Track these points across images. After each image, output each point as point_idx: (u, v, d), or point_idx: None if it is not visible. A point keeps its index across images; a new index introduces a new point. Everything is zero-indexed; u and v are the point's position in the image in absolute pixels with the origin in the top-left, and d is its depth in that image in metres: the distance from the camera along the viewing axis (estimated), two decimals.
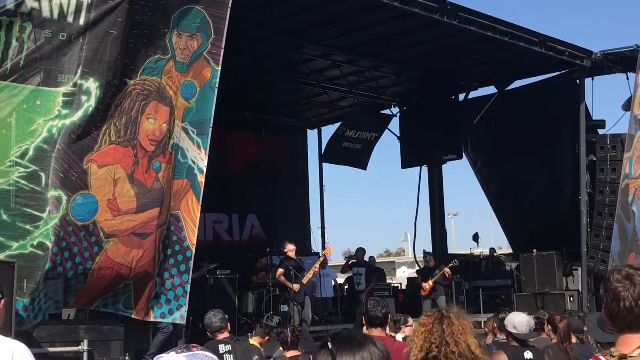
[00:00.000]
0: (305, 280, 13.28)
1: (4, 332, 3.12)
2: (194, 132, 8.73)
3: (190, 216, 8.70)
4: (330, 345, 2.11)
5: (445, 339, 3.70)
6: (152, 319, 8.78)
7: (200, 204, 8.76)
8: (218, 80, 8.82)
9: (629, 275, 2.55)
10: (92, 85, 8.00)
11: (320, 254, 14.90)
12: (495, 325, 8.56)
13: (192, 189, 8.72)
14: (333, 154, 21.21)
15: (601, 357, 2.56)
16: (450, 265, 15.66)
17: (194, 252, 8.75)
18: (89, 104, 7.98)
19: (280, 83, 18.76)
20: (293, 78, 18.59)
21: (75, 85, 7.93)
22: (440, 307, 3.99)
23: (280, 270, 13.34)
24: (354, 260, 17.98)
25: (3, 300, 3.19)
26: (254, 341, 8.45)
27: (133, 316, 8.51)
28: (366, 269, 15.74)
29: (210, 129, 8.82)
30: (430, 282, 15.54)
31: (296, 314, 13.13)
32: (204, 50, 8.85)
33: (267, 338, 8.75)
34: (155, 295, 8.63)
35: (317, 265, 13.87)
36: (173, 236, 8.62)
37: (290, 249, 13.73)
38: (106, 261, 8.02)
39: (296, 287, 12.98)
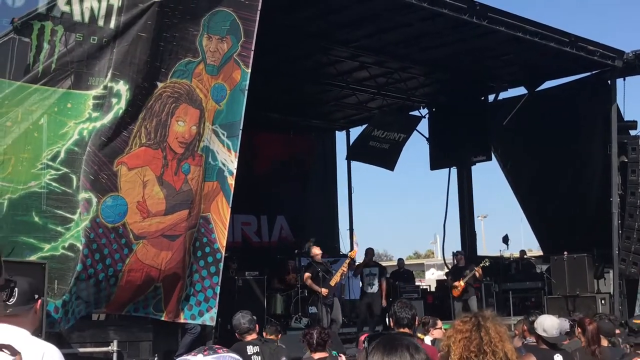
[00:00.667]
0: (332, 283, 13.26)
1: (35, 333, 3.14)
2: (224, 135, 8.76)
3: (220, 218, 8.73)
4: (367, 345, 2.13)
5: (483, 347, 3.68)
6: (182, 321, 8.81)
7: (230, 206, 8.79)
8: (248, 82, 8.84)
9: None
10: (122, 87, 8.07)
11: (348, 256, 14.86)
12: (525, 327, 8.47)
13: (222, 191, 8.75)
14: (359, 152, 21.15)
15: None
16: (480, 265, 15.50)
17: (223, 254, 8.79)
18: (119, 106, 8.05)
19: (308, 85, 18.79)
20: (321, 80, 18.60)
21: (105, 87, 8.01)
22: (475, 312, 3.95)
23: (307, 274, 13.34)
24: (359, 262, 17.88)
25: (39, 300, 3.20)
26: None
27: (163, 318, 8.54)
28: (379, 269, 15.59)
29: (240, 131, 8.84)
30: (462, 282, 15.38)
31: (324, 316, 13.11)
32: (233, 53, 8.88)
33: (279, 335, 8.84)
34: (185, 297, 8.65)
35: (344, 267, 13.83)
36: (203, 238, 8.65)
37: (316, 252, 13.68)
38: (136, 263, 8.07)
39: (324, 291, 12.96)
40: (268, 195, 19.35)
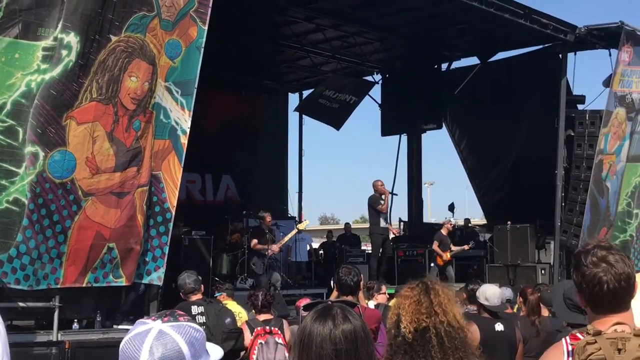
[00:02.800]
0: (276, 248, 13.83)
1: None
2: (177, 92, 8.59)
3: (172, 177, 8.61)
4: (304, 316, 2.12)
5: (434, 309, 3.72)
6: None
7: (182, 165, 8.68)
8: (204, 40, 8.67)
9: (604, 257, 2.57)
10: (73, 39, 7.84)
11: (295, 225, 15.03)
12: (465, 296, 8.62)
13: (174, 150, 8.61)
14: (308, 107, 21.11)
15: (577, 333, 2.58)
16: (469, 245, 16.19)
17: (173, 213, 8.70)
18: (69, 58, 7.83)
19: (263, 44, 18.55)
20: (276, 40, 18.41)
21: (55, 39, 7.76)
22: (421, 279, 4.00)
23: (255, 241, 13.81)
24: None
25: None
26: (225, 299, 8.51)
27: (124, 283, 8.38)
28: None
29: (195, 90, 8.68)
30: (449, 255, 15.93)
31: (264, 277, 13.44)
32: (190, 9, 8.67)
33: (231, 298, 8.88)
34: (142, 260, 8.54)
35: (286, 239, 14.35)
36: (153, 197, 8.52)
37: (268, 220, 14.21)
38: (85, 220, 7.91)
39: (274, 247, 13.38)
40: (214, 154, 18.97)
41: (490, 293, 6.70)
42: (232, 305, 8.32)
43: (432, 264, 16.10)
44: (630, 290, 2.58)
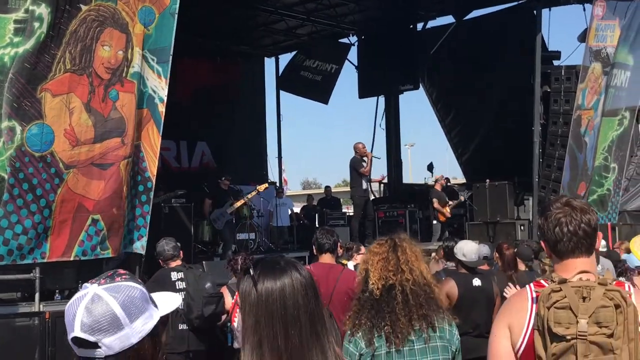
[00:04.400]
0: (228, 211, 14.36)
1: None
2: (153, 60, 8.48)
3: (151, 146, 8.57)
4: (252, 272, 2.11)
5: (400, 267, 3.83)
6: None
7: (161, 133, 8.64)
8: (177, 5, 8.55)
9: (568, 202, 2.63)
10: (44, 10, 7.70)
11: (256, 187, 15.30)
12: (442, 253, 8.75)
13: (152, 119, 8.56)
14: (290, 82, 21.05)
15: (542, 280, 2.62)
16: (463, 195, 16.74)
17: (154, 182, 8.67)
18: (41, 30, 7.69)
19: (236, 9, 18.36)
20: (249, 3, 18.24)
21: (26, 11, 7.62)
22: (391, 235, 4.09)
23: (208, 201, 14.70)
24: None
25: None
26: None
27: (111, 255, 8.34)
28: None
29: (170, 57, 8.58)
30: (449, 209, 16.35)
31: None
32: None
33: None
34: (127, 230, 8.49)
35: (249, 196, 14.84)
36: (135, 167, 8.50)
37: (226, 182, 14.98)
38: (67, 193, 7.83)
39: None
40: (189, 121, 18.85)
41: (468, 249, 6.81)
42: None
43: (434, 222, 16.38)
44: (592, 236, 2.62)
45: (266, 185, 16.09)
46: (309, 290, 2.10)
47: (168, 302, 2.03)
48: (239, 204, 14.47)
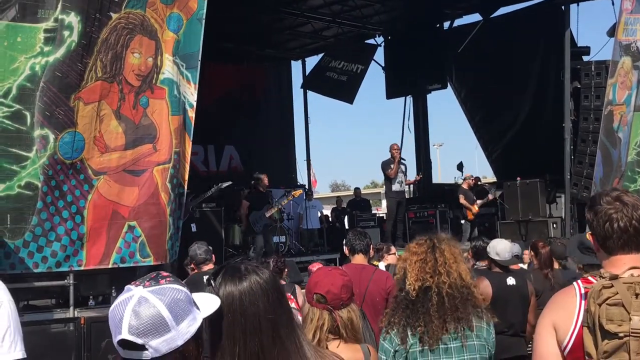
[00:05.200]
0: (267, 214, 13.88)
1: None
2: (182, 66, 8.54)
3: (184, 152, 8.65)
4: (212, 281, 2.11)
5: (438, 269, 3.82)
6: (168, 261, 8.74)
7: (192, 139, 8.69)
8: (205, 11, 8.59)
9: (618, 197, 2.55)
10: (74, 19, 7.80)
11: (291, 193, 15.09)
12: (470, 254, 8.67)
13: (184, 124, 8.63)
14: (316, 82, 21.07)
15: (589, 277, 2.56)
16: (491, 193, 16.58)
17: (185, 188, 8.73)
18: (72, 39, 7.79)
19: (262, 13, 18.47)
20: (275, 7, 18.29)
21: (56, 20, 7.73)
22: (430, 235, 4.07)
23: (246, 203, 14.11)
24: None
25: None
26: None
27: (152, 263, 8.31)
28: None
29: (199, 62, 8.63)
30: (477, 207, 16.27)
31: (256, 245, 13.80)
32: None
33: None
34: (169, 237, 8.49)
35: (283, 204, 14.43)
36: (177, 174, 8.51)
37: (265, 181, 14.38)
38: (99, 199, 7.90)
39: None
40: (216, 125, 18.99)
41: (501, 248, 6.73)
42: None
43: (462, 221, 16.28)
44: None
45: (300, 190, 16.01)
46: (271, 295, 2.08)
47: (208, 303, 2.04)
48: (276, 209, 14.25)
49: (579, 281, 2.59)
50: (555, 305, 2.61)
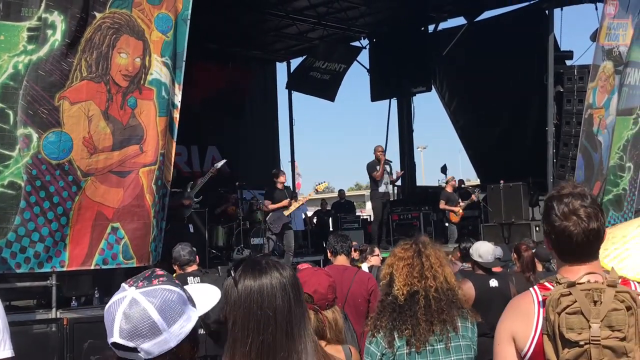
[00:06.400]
0: (286, 213, 13.56)
1: None
2: (172, 67, 8.52)
3: (169, 153, 8.62)
4: (232, 273, 2.12)
5: (425, 273, 3.85)
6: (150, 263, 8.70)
7: (175, 140, 8.66)
8: (190, 11, 8.57)
9: (575, 210, 2.50)
10: (57, 18, 7.75)
11: (299, 196, 14.95)
12: (459, 254, 8.71)
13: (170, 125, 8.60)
14: (299, 82, 21.05)
15: (546, 283, 2.53)
16: (476, 195, 16.54)
17: (169, 189, 8.70)
18: (55, 37, 7.74)
19: (247, 14, 18.43)
20: (260, 9, 18.27)
21: (39, 19, 7.67)
22: (415, 239, 4.09)
23: (269, 202, 13.70)
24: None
25: None
26: None
27: (136, 264, 8.27)
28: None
29: (184, 63, 8.60)
30: (461, 209, 16.27)
31: (270, 245, 13.36)
32: None
33: None
34: (153, 238, 8.46)
35: (301, 202, 14.19)
36: (162, 175, 8.47)
37: (283, 179, 14.17)
38: (85, 201, 7.85)
39: (289, 205, 13.44)
40: (200, 126, 18.88)
41: (484, 250, 6.78)
42: None
43: (446, 224, 16.31)
44: (599, 243, 2.55)
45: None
46: (290, 291, 2.09)
47: (207, 298, 2.04)
48: (293, 208, 13.80)
49: (535, 287, 2.57)
50: (513, 313, 2.60)
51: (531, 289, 2.59)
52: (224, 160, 13.62)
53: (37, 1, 7.72)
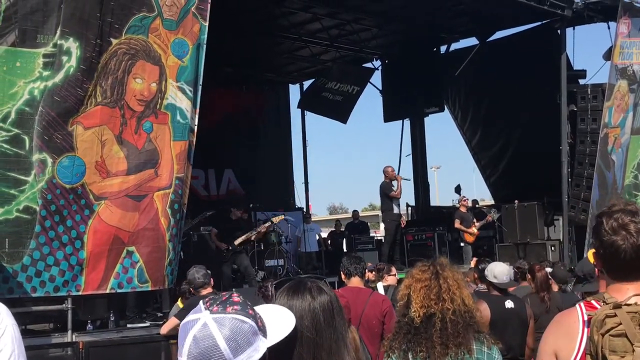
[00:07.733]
0: (235, 242, 13.09)
1: None
2: (190, 91, 8.58)
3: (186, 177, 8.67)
4: (270, 288, 2.15)
5: (442, 295, 3.84)
6: (166, 287, 8.71)
7: (192, 163, 8.71)
8: (206, 36, 8.65)
9: (625, 225, 2.46)
10: (72, 45, 7.85)
11: (270, 218, 14.60)
12: (476, 275, 8.66)
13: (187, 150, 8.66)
14: (311, 102, 21.12)
15: (593, 301, 2.50)
16: (492, 215, 16.51)
17: (184, 212, 8.75)
18: (70, 64, 7.84)
19: (261, 37, 18.55)
20: (273, 32, 18.40)
21: (55, 45, 7.78)
22: (432, 261, 4.08)
23: (215, 231, 13.50)
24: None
25: None
26: None
27: (150, 288, 8.34)
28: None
29: (200, 87, 8.66)
30: (476, 229, 16.15)
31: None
32: (191, 6, 8.60)
33: None
34: (169, 262, 8.46)
35: (252, 234, 13.61)
36: (179, 199, 8.49)
37: (236, 214, 13.82)
38: (100, 224, 7.91)
39: (223, 245, 12.98)
40: (215, 149, 18.93)
41: (499, 271, 6.72)
42: None
43: (461, 244, 16.23)
44: None
45: (281, 217, 15.44)
46: (334, 312, 2.13)
47: (280, 326, 2.02)
48: (239, 241, 13.23)
49: (581, 304, 2.55)
50: (558, 330, 2.58)
51: (577, 305, 2.55)
52: (212, 212, 13.53)
53: (52, 28, 7.82)
